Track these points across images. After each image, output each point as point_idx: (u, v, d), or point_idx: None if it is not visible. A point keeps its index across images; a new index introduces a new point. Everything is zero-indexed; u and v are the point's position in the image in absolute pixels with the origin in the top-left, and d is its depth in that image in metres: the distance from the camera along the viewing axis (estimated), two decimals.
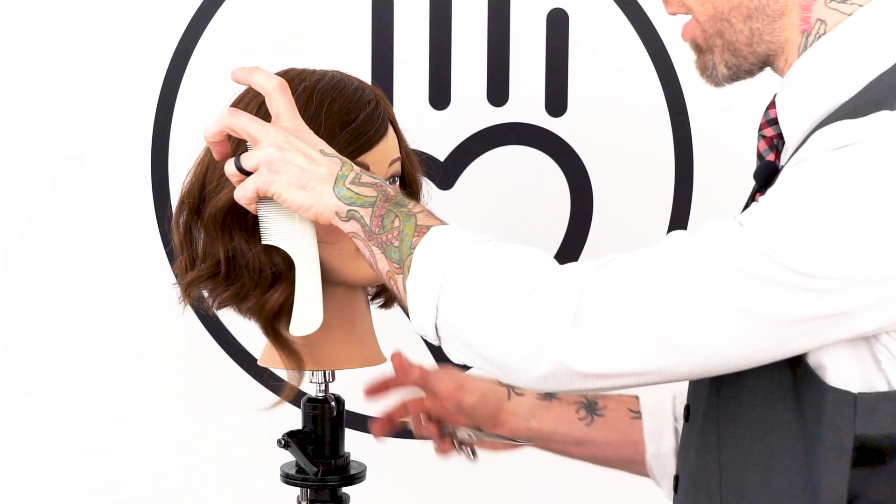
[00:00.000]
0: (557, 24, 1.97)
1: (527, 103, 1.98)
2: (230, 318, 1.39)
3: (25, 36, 1.95)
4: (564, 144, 2.00)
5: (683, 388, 1.35)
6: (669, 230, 2.00)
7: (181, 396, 2.01)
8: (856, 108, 1.11)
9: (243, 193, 1.22)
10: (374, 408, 1.48)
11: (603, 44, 1.98)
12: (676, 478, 1.28)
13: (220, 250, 1.30)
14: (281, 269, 1.30)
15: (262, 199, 1.23)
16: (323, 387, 1.40)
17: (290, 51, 1.93)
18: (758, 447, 1.14)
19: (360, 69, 1.95)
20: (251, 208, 1.25)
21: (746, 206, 1.27)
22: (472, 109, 1.99)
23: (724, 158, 1.99)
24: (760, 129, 1.24)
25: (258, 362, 1.43)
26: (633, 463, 1.48)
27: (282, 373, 1.32)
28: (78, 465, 2.02)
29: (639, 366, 1.08)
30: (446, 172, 2.00)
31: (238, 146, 1.26)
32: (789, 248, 1.04)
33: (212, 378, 2.01)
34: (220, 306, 1.35)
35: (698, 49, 1.24)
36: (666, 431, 1.45)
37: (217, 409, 2.02)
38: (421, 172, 1.45)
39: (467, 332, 1.13)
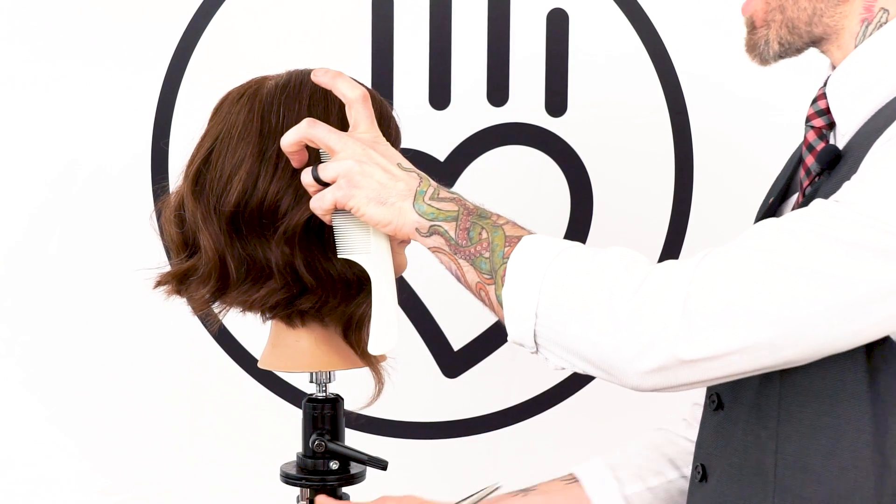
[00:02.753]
0: (557, 24, 1.98)
1: (527, 103, 1.99)
2: (231, 318, 1.39)
3: (25, 37, 1.95)
4: (564, 144, 2.00)
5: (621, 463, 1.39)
6: (669, 230, 2.00)
7: (181, 397, 2.01)
8: None
9: (320, 205, 1.22)
10: (373, 408, 1.48)
11: (603, 44, 1.98)
12: (702, 466, 1.27)
13: (299, 263, 1.29)
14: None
15: (338, 211, 1.23)
16: (323, 387, 1.40)
17: (290, 51, 1.94)
18: (823, 420, 1.13)
19: (360, 69, 1.95)
20: (326, 219, 1.24)
21: (803, 193, 1.26)
22: (472, 109, 1.99)
23: (724, 158, 1.99)
24: (808, 121, 1.24)
25: (258, 365, 1.43)
26: None
27: (282, 374, 1.32)
28: (78, 465, 2.02)
29: (750, 342, 1.06)
30: (446, 172, 2.00)
31: (316, 156, 1.26)
32: None
33: (212, 378, 2.01)
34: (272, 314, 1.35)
35: (752, 26, 1.25)
36: (610, 488, 1.45)
37: (217, 410, 2.02)
38: None
39: (571, 335, 1.12)
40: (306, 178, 1.23)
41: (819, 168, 1.19)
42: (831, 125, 1.22)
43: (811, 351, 1.08)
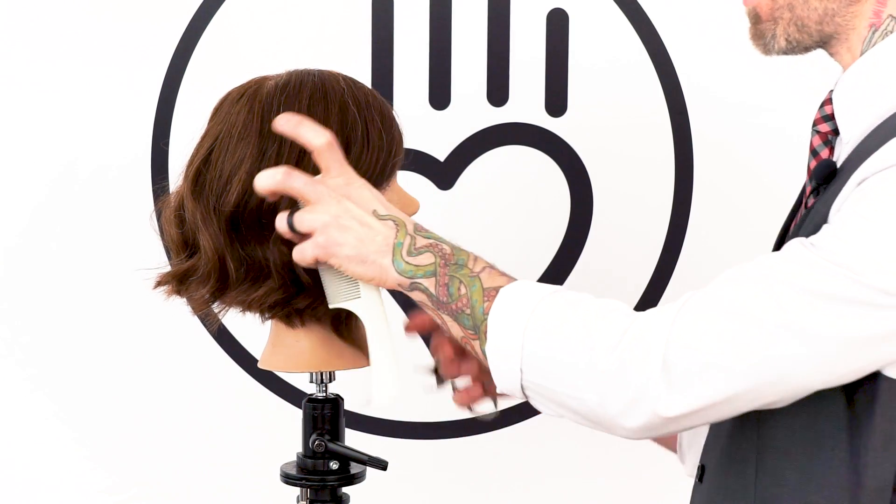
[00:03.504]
0: (557, 24, 1.97)
1: (527, 103, 1.99)
2: (230, 319, 1.39)
3: (25, 38, 1.95)
4: (564, 144, 2.00)
5: None
6: (669, 230, 2.00)
7: (181, 397, 2.01)
8: None
9: (302, 259, 1.23)
10: (372, 408, 1.48)
11: (603, 44, 1.98)
12: (701, 467, 1.28)
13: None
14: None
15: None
16: (323, 387, 1.40)
17: (290, 51, 1.93)
18: (801, 434, 1.14)
19: (360, 69, 1.95)
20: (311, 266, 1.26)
21: (798, 203, 1.28)
22: (472, 109, 1.99)
23: (725, 158, 1.99)
24: (815, 125, 1.24)
25: (258, 365, 1.42)
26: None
27: (282, 374, 1.32)
28: (79, 464, 2.02)
29: (728, 395, 1.08)
30: (446, 172, 2.00)
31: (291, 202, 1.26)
32: (871, 268, 1.05)
33: (212, 378, 2.01)
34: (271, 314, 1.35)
35: (757, 18, 1.25)
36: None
37: (218, 410, 2.02)
38: None
39: (556, 391, 1.14)
40: (281, 225, 1.23)
41: (815, 183, 1.20)
42: (836, 131, 1.22)
43: (790, 395, 1.10)
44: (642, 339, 1.09)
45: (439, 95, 1.99)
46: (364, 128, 1.31)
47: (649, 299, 2.01)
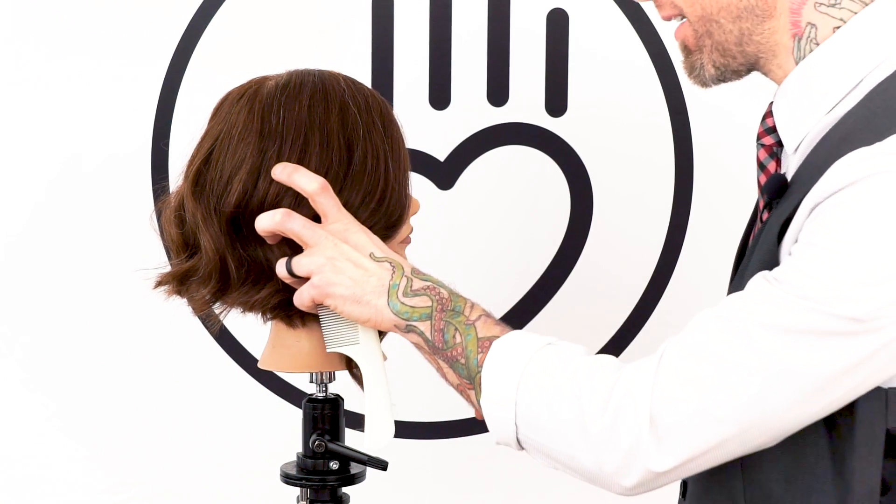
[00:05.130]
0: (557, 24, 1.98)
1: (527, 103, 1.99)
2: (231, 319, 1.39)
3: (24, 38, 1.95)
4: (564, 144, 2.00)
5: None
6: (669, 230, 2.00)
7: (181, 397, 2.01)
8: (867, 121, 1.12)
9: (300, 302, 1.25)
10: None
11: (603, 44, 1.98)
12: (684, 483, 1.29)
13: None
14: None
15: (322, 305, 1.26)
16: (323, 387, 1.40)
17: (290, 51, 1.93)
18: (784, 444, 1.14)
19: (360, 69, 1.95)
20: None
21: (753, 217, 1.29)
22: (472, 109, 1.99)
23: (724, 158, 1.99)
24: (759, 139, 1.26)
25: (258, 365, 1.42)
26: None
27: (282, 374, 1.32)
28: (79, 465, 2.02)
29: (717, 442, 1.09)
30: (446, 172, 2.00)
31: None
32: (838, 298, 1.05)
33: (212, 378, 2.01)
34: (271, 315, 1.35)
35: (687, 50, 1.27)
36: None
37: (217, 410, 2.02)
38: None
39: (551, 448, 1.16)
40: (281, 270, 1.26)
41: (768, 198, 1.20)
42: (780, 143, 1.23)
43: (779, 434, 1.10)
44: (629, 396, 1.10)
45: (439, 95, 1.99)
46: (365, 128, 1.31)
47: (649, 299, 2.01)
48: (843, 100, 1.16)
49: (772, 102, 1.24)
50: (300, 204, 1.27)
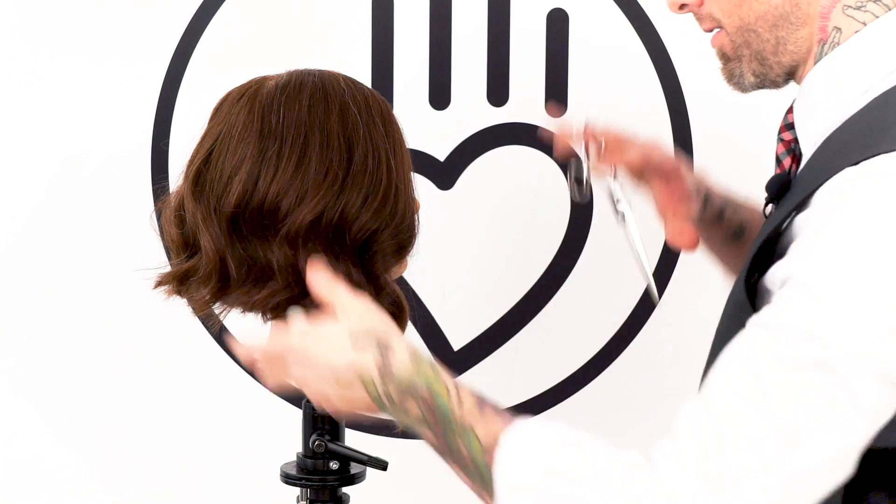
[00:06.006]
0: (557, 24, 1.98)
1: (527, 103, 1.98)
2: (231, 319, 1.39)
3: (23, 38, 1.95)
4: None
5: None
6: None
7: (181, 396, 2.01)
8: (861, 134, 1.11)
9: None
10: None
11: (603, 44, 1.98)
12: None
13: (302, 264, 1.28)
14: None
15: None
16: None
17: (290, 51, 1.93)
18: None
19: (360, 69, 1.95)
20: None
21: (765, 214, 1.28)
22: (472, 109, 1.99)
23: (725, 158, 1.99)
24: (779, 133, 1.25)
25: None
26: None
27: None
28: (78, 464, 2.02)
29: None
30: (446, 172, 2.00)
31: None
32: (841, 339, 1.01)
33: (212, 378, 2.01)
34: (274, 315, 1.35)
35: (725, 58, 1.27)
36: None
37: (217, 409, 2.02)
38: None
39: None
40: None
41: (768, 197, 1.21)
42: (797, 140, 1.23)
43: (822, 497, 1.05)
44: (666, 497, 1.01)
45: (439, 95, 1.99)
46: (365, 128, 1.31)
47: (649, 299, 2.01)
48: (851, 104, 1.16)
49: (794, 99, 1.25)
50: (300, 202, 1.27)
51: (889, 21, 1.17)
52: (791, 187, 1.18)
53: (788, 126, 1.25)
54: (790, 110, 1.25)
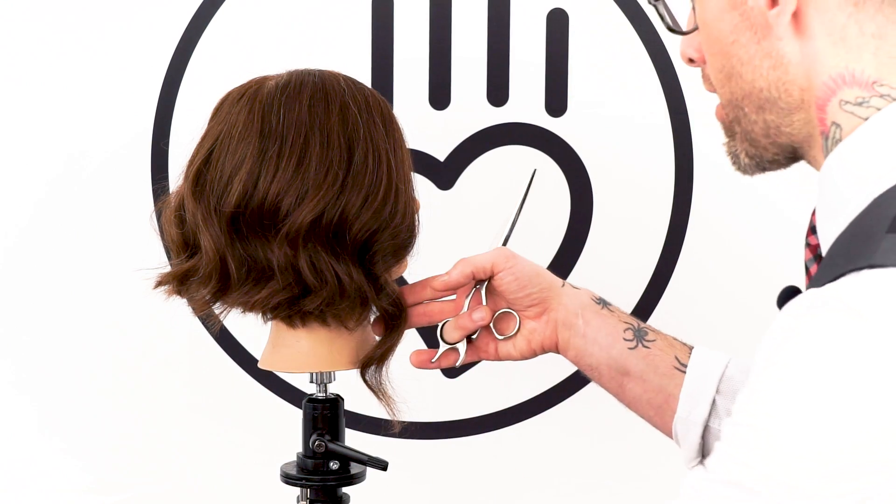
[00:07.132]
0: (557, 24, 1.97)
1: (527, 103, 1.98)
2: (231, 319, 1.39)
3: (23, 38, 1.95)
4: (564, 144, 2.00)
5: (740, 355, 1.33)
6: (669, 231, 2.00)
7: (181, 396, 2.01)
8: (846, 245, 1.00)
9: None
10: (374, 408, 1.48)
11: (603, 44, 1.98)
12: None
13: (303, 264, 1.28)
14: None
15: None
16: (323, 387, 1.40)
17: (290, 51, 1.93)
18: None
19: (360, 69, 1.95)
20: None
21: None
22: (472, 109, 1.99)
23: (725, 159, 1.99)
24: (806, 237, 1.13)
25: (258, 365, 1.43)
26: (660, 414, 1.41)
27: (282, 374, 1.32)
28: (78, 464, 2.02)
29: None
30: (446, 172, 2.00)
31: None
32: (782, 488, 0.93)
33: (211, 378, 2.01)
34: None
35: (726, 132, 1.18)
36: (703, 400, 1.38)
37: (217, 409, 2.02)
38: None
39: None
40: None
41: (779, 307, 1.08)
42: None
43: None
44: None
45: (439, 95, 1.99)
46: (366, 128, 1.31)
47: (649, 299, 2.01)
48: (849, 209, 1.03)
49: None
50: (301, 202, 1.27)
51: (892, 114, 1.04)
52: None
53: (813, 229, 1.11)
54: (814, 212, 1.11)
